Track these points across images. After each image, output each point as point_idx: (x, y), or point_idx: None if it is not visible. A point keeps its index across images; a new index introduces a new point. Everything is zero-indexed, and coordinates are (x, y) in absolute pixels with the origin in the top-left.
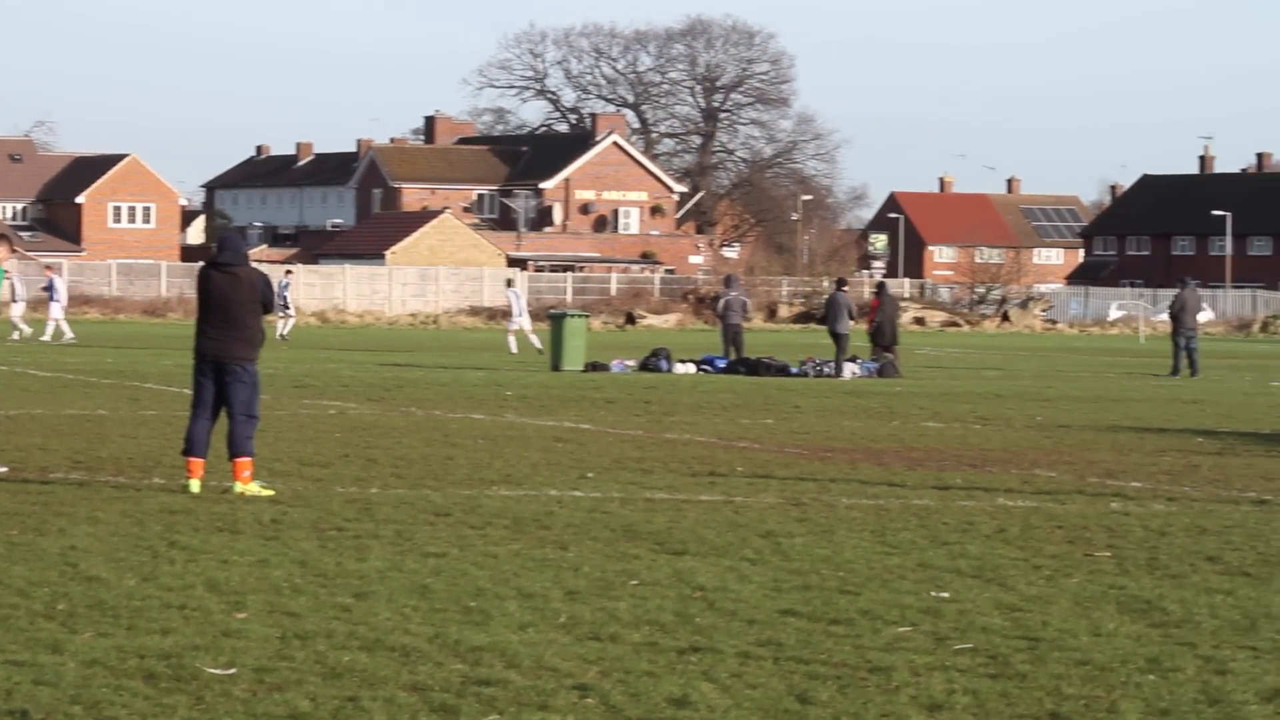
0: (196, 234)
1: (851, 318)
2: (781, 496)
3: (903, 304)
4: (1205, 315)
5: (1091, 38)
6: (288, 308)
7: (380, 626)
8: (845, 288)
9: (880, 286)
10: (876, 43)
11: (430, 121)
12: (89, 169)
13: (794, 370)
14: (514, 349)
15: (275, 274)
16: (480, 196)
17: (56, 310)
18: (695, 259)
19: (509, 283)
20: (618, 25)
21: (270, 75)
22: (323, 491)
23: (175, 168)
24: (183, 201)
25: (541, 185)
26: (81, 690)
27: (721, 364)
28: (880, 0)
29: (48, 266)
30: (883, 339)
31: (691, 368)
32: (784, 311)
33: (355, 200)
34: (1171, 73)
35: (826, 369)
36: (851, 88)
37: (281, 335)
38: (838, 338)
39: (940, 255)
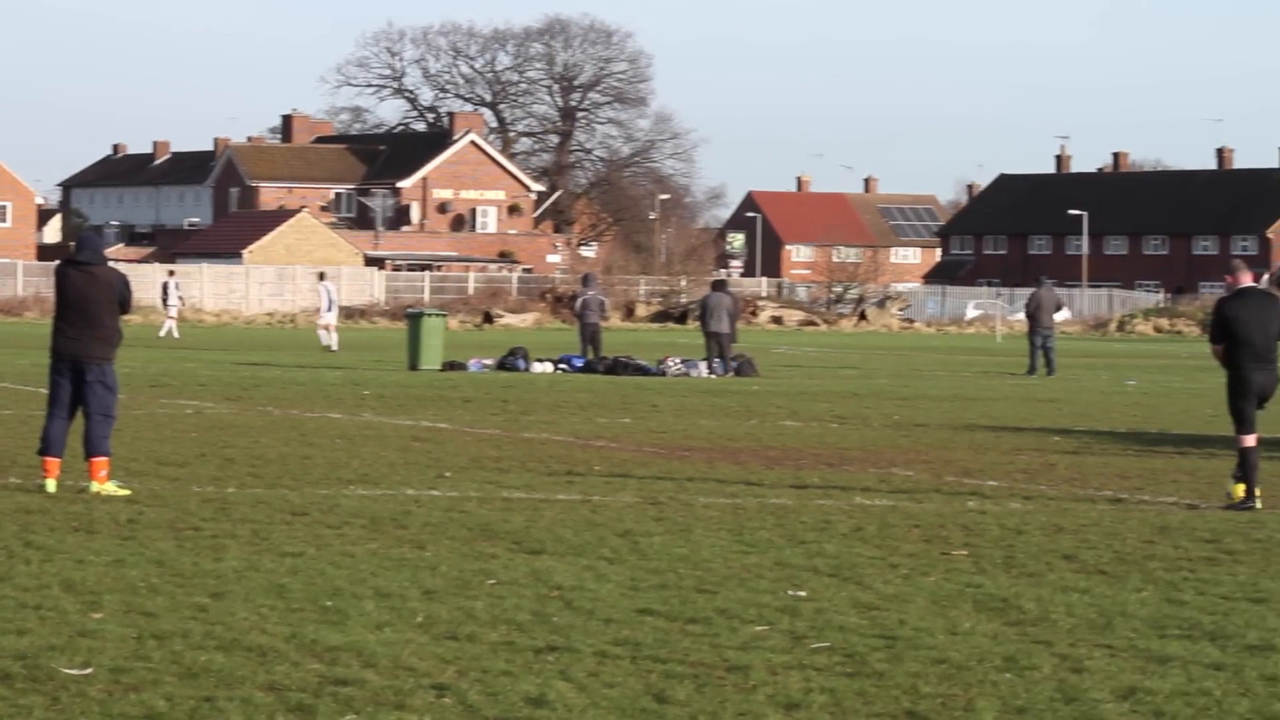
0: (53, 233)
1: (732, 318)
2: (639, 495)
3: (760, 303)
4: (1062, 314)
5: (948, 38)
6: (169, 305)
7: (237, 626)
8: (725, 288)
9: (716, 284)
10: (734, 42)
11: (287, 120)
12: None
13: (652, 369)
14: (334, 345)
15: (159, 276)
16: (338, 195)
17: None
18: (553, 258)
19: (321, 276)
20: (476, 24)
21: (127, 74)
22: (179, 491)
23: (31, 166)
24: (39, 200)
25: (399, 184)
26: None
27: (579, 363)
28: None
29: None
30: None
31: (549, 367)
32: (641, 310)
33: (212, 199)
34: (1027, 73)
35: (692, 369)
36: (709, 87)
37: (173, 334)
38: (714, 337)
39: (798, 254)
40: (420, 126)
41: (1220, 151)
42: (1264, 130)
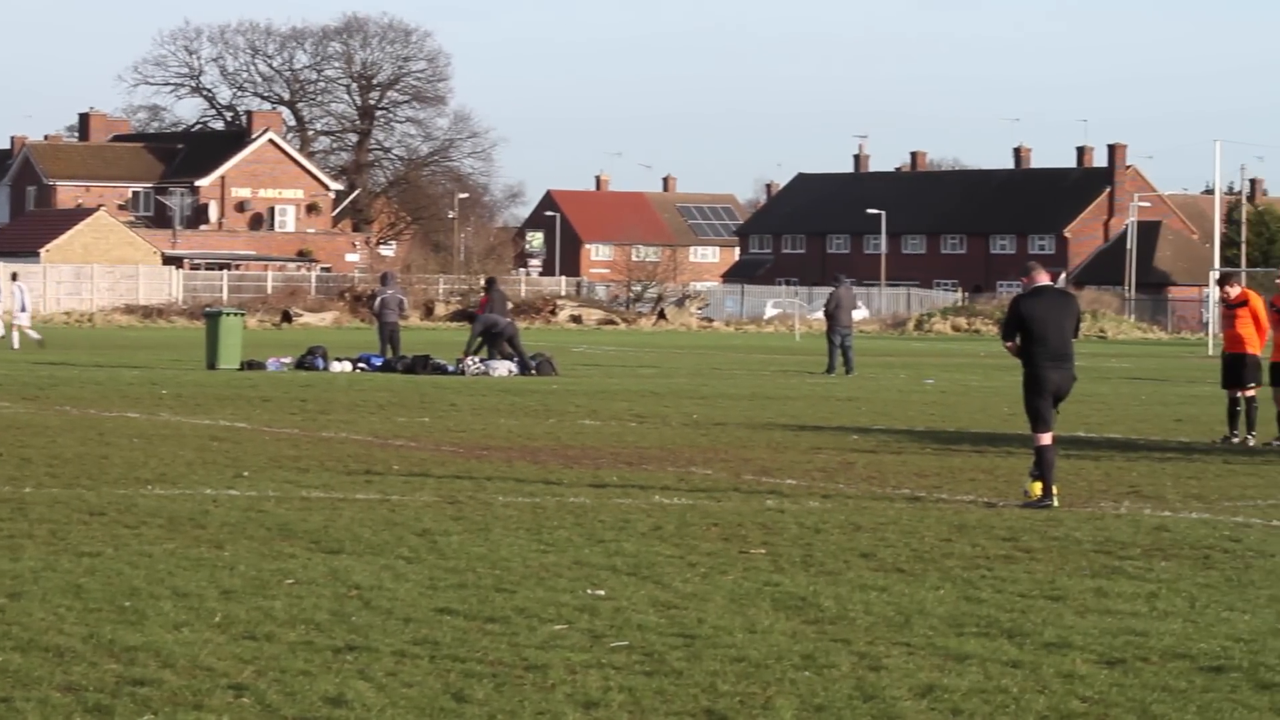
0: None
1: (505, 315)
2: (438, 495)
3: (560, 302)
4: (860, 313)
5: (746, 37)
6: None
7: (34, 627)
8: (497, 285)
9: (490, 282)
10: (532, 40)
11: (84, 119)
12: None
13: (450, 368)
14: (15, 344)
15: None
16: (135, 194)
17: None
18: (352, 257)
19: (14, 277)
20: (274, 23)
21: None
22: None
23: None
24: None
25: (197, 183)
26: None
27: (378, 362)
28: None
29: None
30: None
31: (348, 366)
32: (440, 309)
33: (9, 198)
34: (828, 73)
35: (485, 368)
36: (507, 86)
37: (30, 336)
38: (490, 336)
39: (597, 253)
40: (218, 125)
41: (1018, 151)
42: (1061, 130)
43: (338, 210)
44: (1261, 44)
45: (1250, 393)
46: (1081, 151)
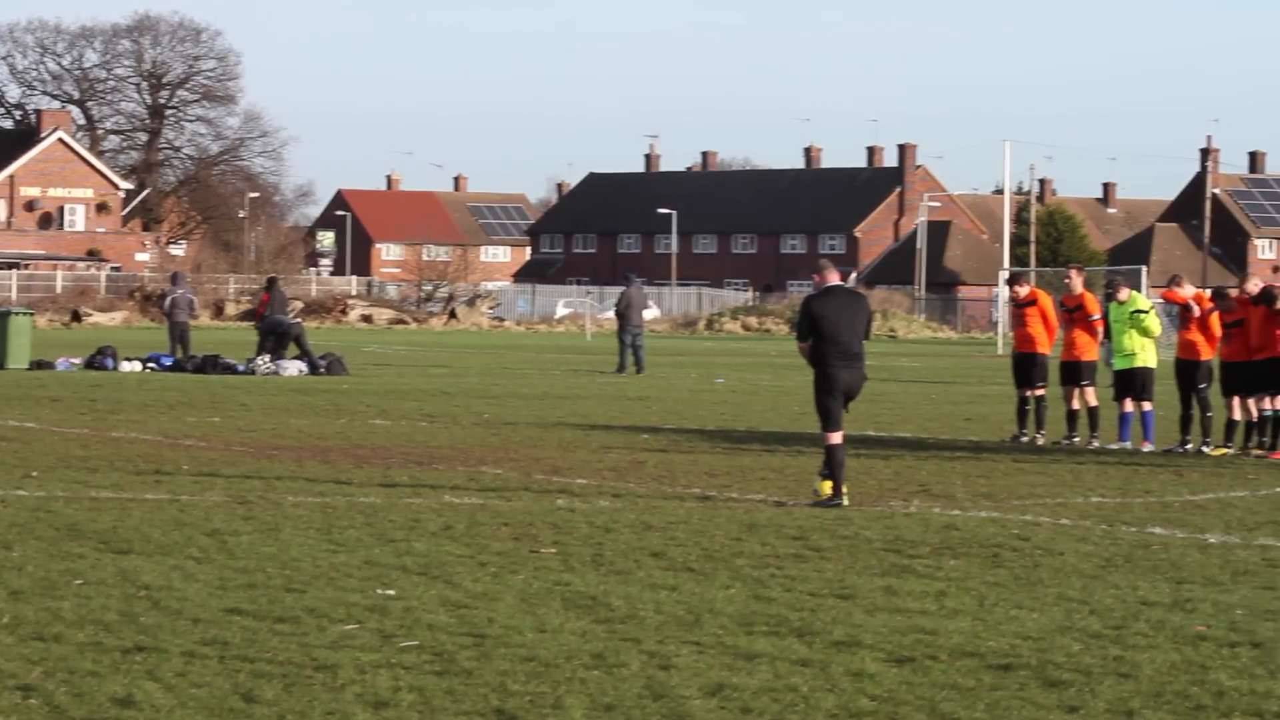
0: None
1: (284, 314)
2: (228, 495)
3: (350, 301)
4: (651, 312)
5: (537, 36)
6: None
7: None
8: (278, 285)
9: (270, 281)
10: (322, 39)
11: None
12: None
13: (240, 368)
14: None
15: None
16: None
17: None
18: (142, 256)
19: None
20: (63, 21)
21: None
22: None
23: None
24: None
25: None
26: None
27: (168, 362)
28: None
29: None
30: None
31: (138, 365)
32: (231, 309)
33: None
34: (617, 72)
35: (276, 367)
36: (298, 85)
37: None
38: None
39: (388, 253)
40: (7, 124)
41: (808, 151)
42: (851, 130)
43: (128, 210)
44: (1049, 46)
45: (1040, 392)
46: (872, 151)
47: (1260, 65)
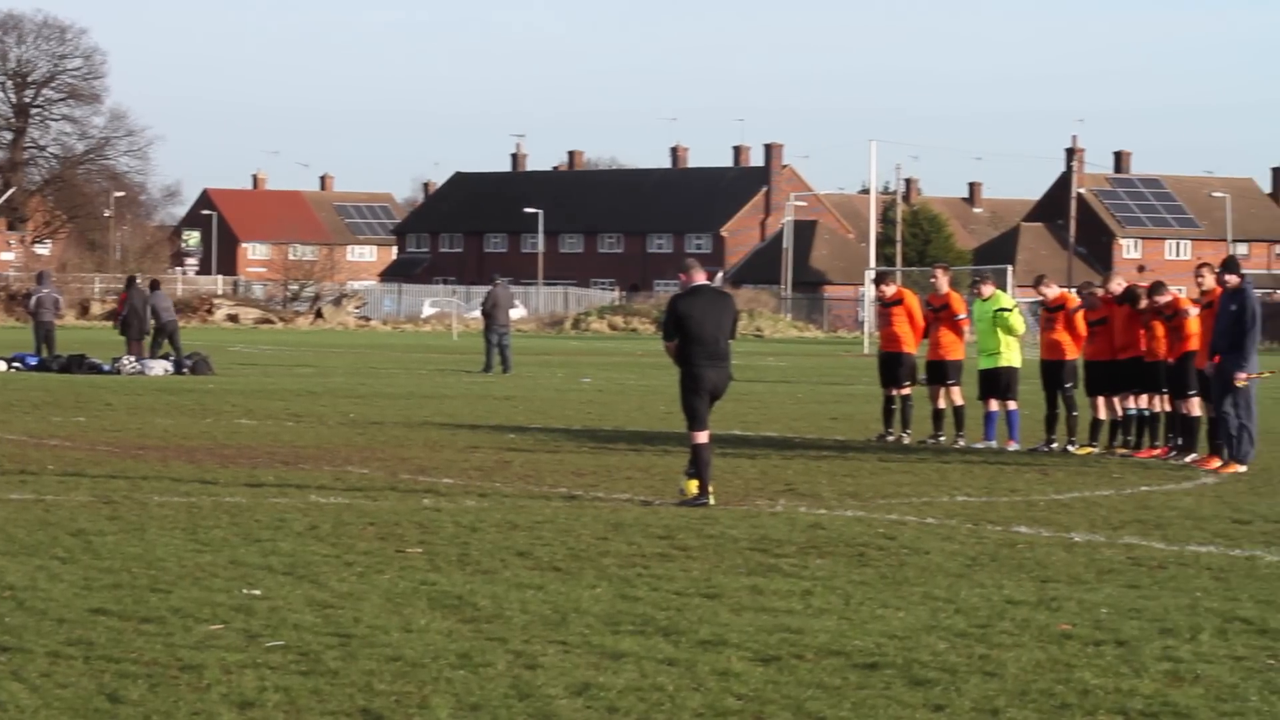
0: None
1: (154, 315)
2: (93, 494)
3: (216, 301)
4: (517, 312)
5: (403, 34)
6: None
7: None
8: (137, 284)
9: (129, 281)
10: (189, 38)
11: None
12: None
13: (106, 368)
14: None
15: None
16: None
17: None
18: (6, 255)
19: None
20: None
21: None
22: None
23: None
24: None
25: None
26: None
27: (33, 361)
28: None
29: None
30: (130, 331)
31: (2, 365)
32: (96, 309)
33: None
34: (486, 72)
35: (142, 367)
36: (164, 84)
37: None
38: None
39: (254, 252)
40: None
41: (675, 150)
42: (718, 129)
43: None
44: (915, 46)
45: (905, 391)
46: (738, 151)
47: (1125, 66)
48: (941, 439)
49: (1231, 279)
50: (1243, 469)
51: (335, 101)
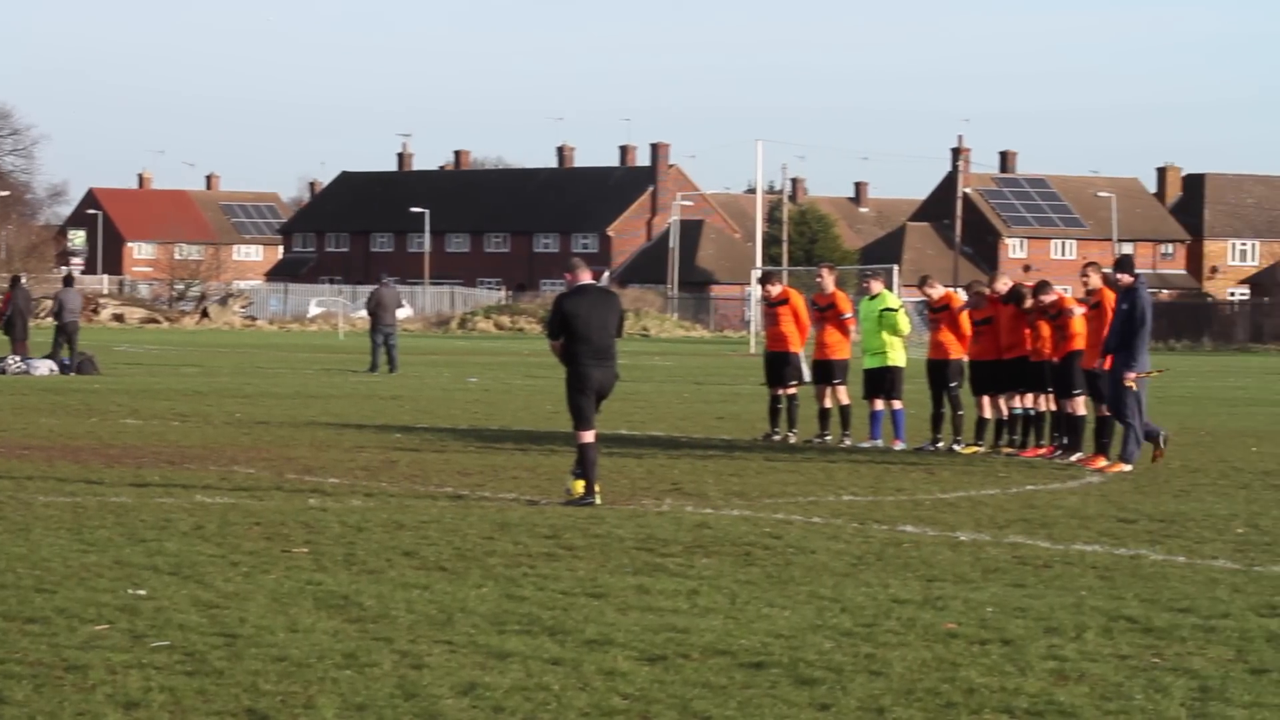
0: None
1: (34, 315)
2: None
3: (102, 300)
4: (404, 312)
5: (288, 32)
6: None
7: None
8: (21, 284)
9: (14, 280)
10: (73, 36)
11: None
12: None
13: None
14: None
15: None
16: None
17: None
18: None
19: None
20: None
21: None
22: None
23: None
24: None
25: None
26: None
27: None
28: None
29: None
30: (15, 331)
31: None
32: None
33: None
34: (372, 71)
35: (27, 366)
36: (50, 82)
37: None
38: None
39: (140, 252)
40: None
41: (561, 150)
42: (604, 129)
43: None
44: (801, 45)
45: (792, 390)
46: (625, 150)
47: (1011, 67)
48: (827, 438)
49: (1124, 278)
50: (1128, 469)
51: (221, 100)
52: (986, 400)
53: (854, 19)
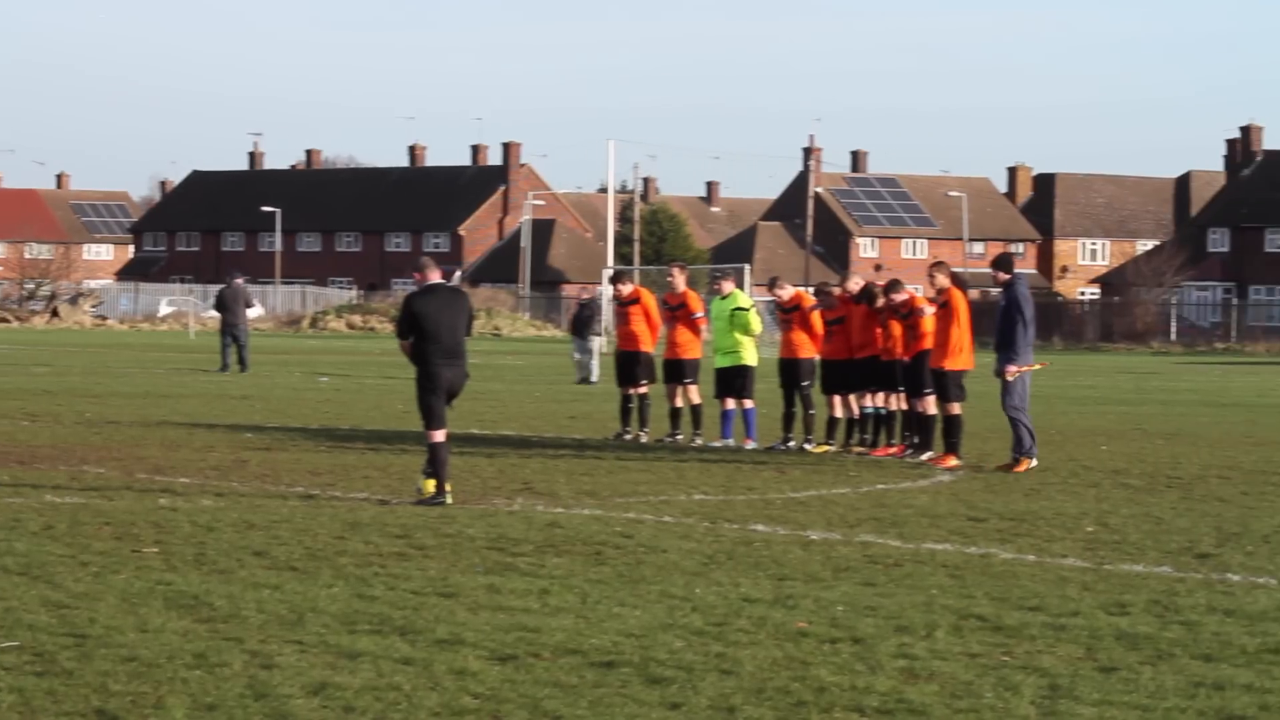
0: None
1: None
2: None
3: None
4: (254, 311)
5: (138, 31)
6: None
7: None
8: None
9: None
10: None
11: None
12: None
13: None
14: None
15: None
16: None
17: None
18: None
19: None
20: None
21: None
22: None
23: None
24: None
25: None
26: None
27: None
28: None
29: None
30: None
31: None
32: None
33: None
34: (223, 69)
35: None
36: None
37: None
38: None
39: None
40: None
41: (413, 149)
42: (456, 128)
43: None
44: (653, 43)
45: (643, 389)
46: (476, 150)
47: (862, 66)
48: (679, 437)
49: (1001, 275)
50: (1034, 464)
51: (71, 99)
52: (838, 399)
53: (705, 17)
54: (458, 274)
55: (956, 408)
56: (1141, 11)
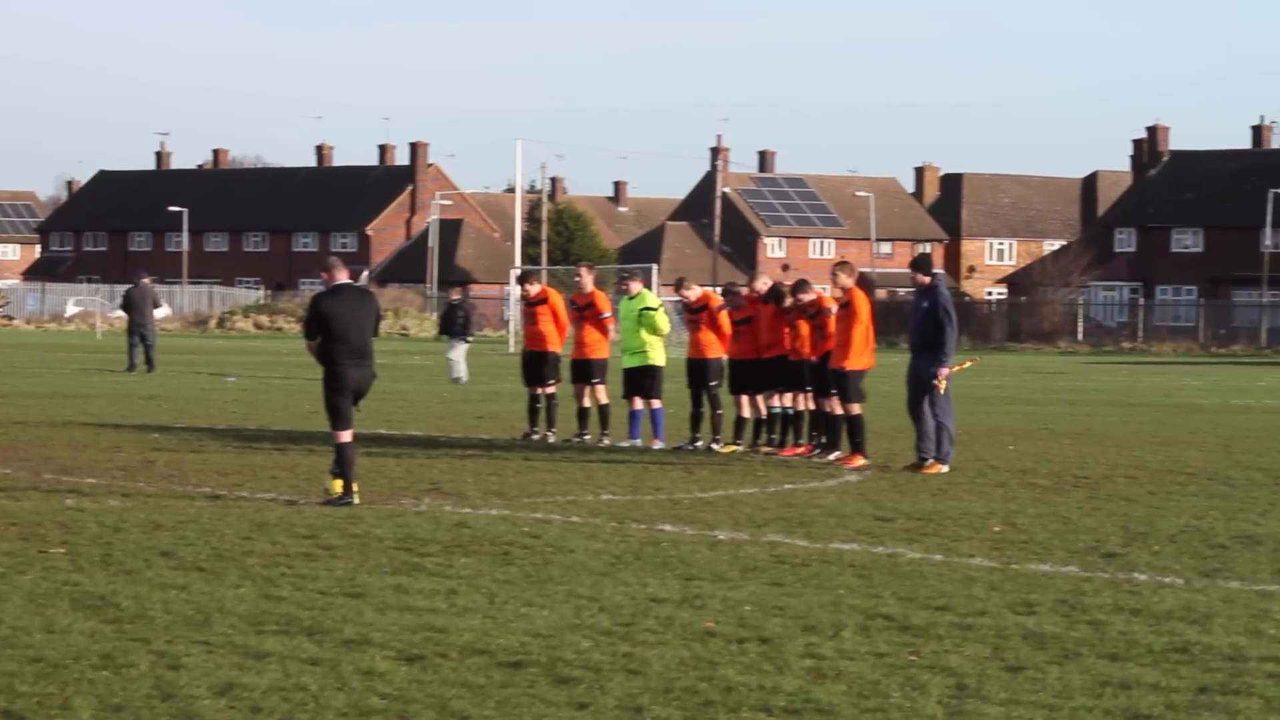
0: None
1: None
2: None
3: None
4: (161, 311)
5: (61, 29)
6: None
7: None
8: None
9: None
10: None
11: None
12: None
13: None
14: None
15: None
16: None
17: None
18: None
19: None
20: None
21: None
22: None
23: None
24: None
25: None
26: None
27: None
28: None
29: None
30: None
31: None
32: None
33: None
34: (129, 68)
35: None
36: None
37: None
38: None
39: None
40: None
41: (320, 149)
42: (363, 128)
43: None
44: (561, 44)
45: (551, 389)
46: (384, 150)
47: (770, 65)
48: (586, 437)
49: (922, 277)
50: (945, 469)
51: None
52: (745, 399)
53: (613, 16)
54: (365, 274)
55: (857, 408)
56: (1048, 13)
